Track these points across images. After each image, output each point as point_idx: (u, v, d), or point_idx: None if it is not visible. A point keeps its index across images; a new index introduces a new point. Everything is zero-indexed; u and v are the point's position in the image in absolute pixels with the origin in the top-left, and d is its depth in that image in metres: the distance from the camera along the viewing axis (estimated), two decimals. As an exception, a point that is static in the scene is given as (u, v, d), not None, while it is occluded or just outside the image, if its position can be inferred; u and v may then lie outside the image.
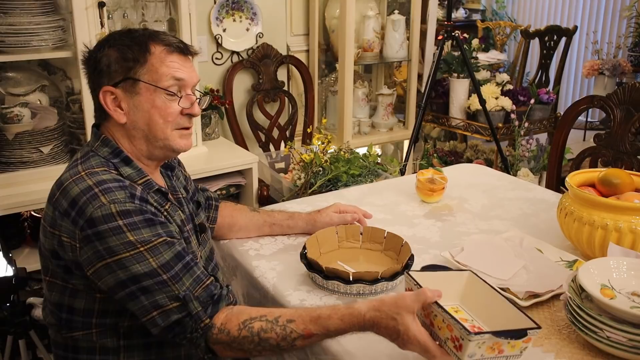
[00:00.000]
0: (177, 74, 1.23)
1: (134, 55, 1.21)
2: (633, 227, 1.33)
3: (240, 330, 1.12)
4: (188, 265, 1.16)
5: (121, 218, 1.11)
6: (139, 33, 1.25)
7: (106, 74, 1.22)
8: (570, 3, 5.78)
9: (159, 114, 1.23)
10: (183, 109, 1.25)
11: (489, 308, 1.11)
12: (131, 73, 1.21)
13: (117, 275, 1.12)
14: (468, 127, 3.50)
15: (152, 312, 1.13)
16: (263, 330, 1.11)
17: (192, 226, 1.36)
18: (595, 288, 1.14)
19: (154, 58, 1.22)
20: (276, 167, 2.99)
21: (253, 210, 1.62)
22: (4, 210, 2.14)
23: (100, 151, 1.23)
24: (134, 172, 1.23)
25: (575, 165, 2.18)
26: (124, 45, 1.22)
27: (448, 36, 3.21)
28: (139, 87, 1.21)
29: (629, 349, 1.06)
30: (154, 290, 1.12)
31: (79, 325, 1.23)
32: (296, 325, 1.10)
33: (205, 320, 1.14)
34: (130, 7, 2.52)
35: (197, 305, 1.13)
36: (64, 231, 1.15)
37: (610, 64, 4.78)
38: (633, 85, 2.01)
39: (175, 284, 1.13)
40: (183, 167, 1.50)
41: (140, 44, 1.22)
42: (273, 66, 3.15)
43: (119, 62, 1.21)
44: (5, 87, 2.27)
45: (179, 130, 1.26)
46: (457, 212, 1.78)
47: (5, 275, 1.82)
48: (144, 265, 1.11)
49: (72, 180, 1.16)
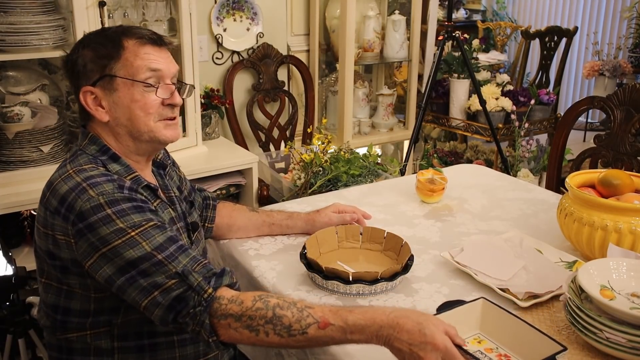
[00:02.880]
0: (152, 65, 1.22)
1: (107, 51, 1.21)
2: (633, 228, 1.33)
3: (256, 301, 1.07)
4: (182, 247, 1.15)
5: (109, 207, 1.12)
6: (112, 30, 1.25)
7: (83, 74, 1.22)
8: (571, 4, 5.78)
9: (139, 108, 1.22)
10: (163, 99, 1.25)
11: (510, 333, 1.12)
12: (107, 70, 1.21)
13: (114, 263, 1.11)
14: (468, 127, 3.50)
15: (152, 292, 1.10)
16: (279, 306, 1.06)
17: (184, 225, 1.35)
18: (594, 289, 1.14)
19: (128, 52, 1.21)
20: (276, 167, 2.99)
21: (252, 210, 1.62)
22: (4, 209, 2.14)
23: (88, 149, 1.23)
24: (122, 168, 1.23)
25: (575, 166, 2.18)
26: (97, 43, 1.22)
27: (448, 36, 3.21)
28: (116, 83, 1.21)
29: (629, 350, 1.06)
30: (152, 272, 1.10)
31: (73, 327, 1.22)
32: (314, 312, 1.06)
33: (209, 291, 1.09)
34: (131, 7, 2.52)
35: (197, 277, 1.11)
36: (57, 229, 1.15)
37: (611, 64, 4.78)
38: (633, 86, 2.01)
39: (172, 262, 1.11)
40: (178, 167, 1.49)
41: (113, 40, 1.22)
42: (273, 66, 3.15)
43: (94, 61, 1.21)
44: (6, 86, 2.27)
45: (163, 121, 1.26)
46: (457, 212, 1.78)
47: (5, 274, 1.82)
48: (137, 249, 1.11)
49: (61, 179, 1.17)
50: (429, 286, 1.36)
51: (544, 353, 1.02)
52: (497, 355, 1.09)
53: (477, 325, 1.16)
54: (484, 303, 1.17)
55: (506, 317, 1.13)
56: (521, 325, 1.10)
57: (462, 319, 1.14)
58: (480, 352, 1.10)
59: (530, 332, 1.08)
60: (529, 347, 1.06)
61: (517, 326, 1.10)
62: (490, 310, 1.16)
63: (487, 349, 1.11)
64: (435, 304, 1.26)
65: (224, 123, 3.07)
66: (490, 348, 1.12)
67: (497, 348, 1.12)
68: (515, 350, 1.10)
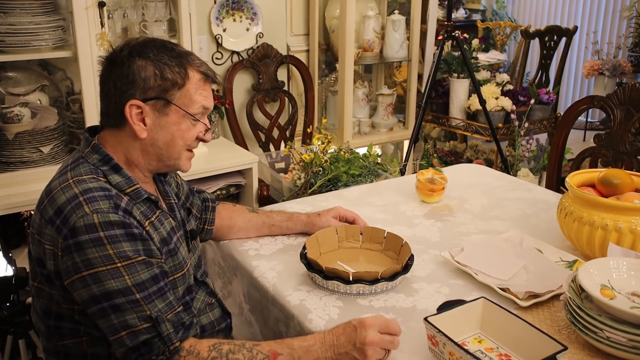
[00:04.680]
0: (206, 103, 1.26)
1: (173, 77, 1.21)
2: (633, 228, 1.33)
3: (210, 351, 1.13)
4: (162, 290, 1.16)
5: (103, 229, 1.11)
6: (177, 52, 1.23)
7: (139, 86, 1.19)
8: (571, 3, 5.78)
9: (181, 137, 1.25)
10: (199, 134, 1.28)
11: (510, 332, 1.12)
12: (167, 95, 1.21)
13: (91, 289, 1.11)
14: (468, 127, 3.50)
15: (120, 332, 1.11)
16: (231, 351, 1.12)
17: (183, 232, 1.36)
18: (595, 288, 1.14)
19: (191, 84, 1.23)
20: (276, 167, 2.99)
21: (252, 211, 1.62)
22: (4, 210, 2.14)
23: (90, 158, 1.22)
24: (122, 180, 1.22)
25: (575, 166, 2.18)
26: (163, 63, 1.20)
27: (448, 36, 3.21)
28: (170, 109, 1.22)
29: (629, 349, 1.06)
30: (125, 310, 1.11)
31: (67, 333, 1.22)
32: (262, 348, 1.13)
33: (176, 344, 1.13)
34: (131, 7, 2.52)
35: (169, 327, 1.13)
36: (47, 239, 1.14)
37: (610, 64, 4.78)
38: (633, 85, 2.01)
39: (148, 304, 1.12)
40: (176, 174, 1.49)
41: (181, 66, 1.22)
42: (273, 66, 3.15)
43: (157, 80, 1.20)
44: (6, 87, 2.27)
45: (188, 152, 1.29)
46: (457, 212, 1.78)
47: (5, 275, 1.82)
48: (118, 282, 1.10)
49: (60, 188, 1.16)
50: (429, 286, 1.36)
51: (544, 352, 1.02)
52: (497, 355, 1.09)
53: (477, 325, 1.16)
54: (484, 303, 1.17)
55: (506, 317, 1.13)
56: (522, 325, 1.10)
57: (462, 318, 1.14)
58: (480, 352, 1.10)
59: (530, 332, 1.08)
60: (529, 347, 1.07)
61: (517, 326, 1.11)
62: (491, 310, 1.16)
63: (488, 349, 1.11)
64: (436, 303, 1.26)
65: (224, 123, 3.07)
66: (491, 348, 1.12)
67: (497, 348, 1.12)
68: (515, 350, 1.10)
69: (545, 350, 1.03)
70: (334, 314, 1.26)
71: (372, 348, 1.10)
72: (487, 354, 1.10)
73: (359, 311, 1.26)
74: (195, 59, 1.26)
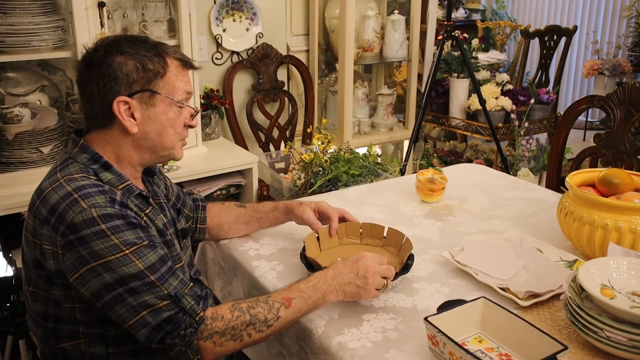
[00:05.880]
0: (188, 87, 1.28)
1: (154, 67, 1.22)
2: (633, 227, 1.33)
3: (232, 311, 1.16)
4: (172, 269, 1.18)
5: (103, 222, 1.11)
6: (150, 43, 1.25)
7: (123, 82, 1.20)
8: (570, 3, 5.78)
9: (170, 126, 1.26)
10: (186, 120, 1.29)
11: (510, 332, 1.12)
12: (151, 85, 1.22)
13: (103, 278, 1.11)
14: (468, 127, 3.50)
15: (141, 311, 1.12)
16: (250, 306, 1.17)
17: (174, 230, 1.36)
18: (595, 288, 1.14)
19: (171, 72, 1.24)
20: (276, 167, 2.99)
21: (240, 206, 1.61)
22: (4, 210, 2.14)
23: (79, 158, 1.22)
24: (113, 177, 1.22)
25: (575, 165, 2.18)
26: (142, 55, 1.21)
27: (448, 36, 3.21)
28: (156, 99, 1.23)
29: (629, 348, 1.06)
30: (142, 291, 1.12)
31: (66, 335, 1.21)
32: (275, 297, 1.20)
33: (200, 314, 1.15)
34: (130, 7, 2.52)
35: (190, 300, 1.15)
36: (44, 239, 1.14)
37: (610, 63, 4.78)
38: (633, 85, 2.01)
39: (163, 284, 1.14)
40: (164, 176, 1.50)
41: (159, 56, 1.23)
42: (273, 66, 3.16)
43: (139, 73, 1.21)
44: (5, 87, 2.27)
45: (181, 141, 1.31)
46: (457, 212, 1.78)
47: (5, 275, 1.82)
48: (130, 267, 1.11)
49: (51, 188, 1.15)
50: (430, 286, 1.36)
51: (544, 352, 1.02)
52: (497, 355, 1.09)
53: (477, 325, 1.16)
54: (484, 302, 1.17)
55: (507, 317, 1.13)
56: (522, 325, 1.10)
57: (462, 318, 1.14)
58: (481, 352, 1.10)
59: (530, 332, 1.08)
60: (529, 347, 1.06)
61: (517, 325, 1.11)
62: (491, 309, 1.16)
63: (488, 349, 1.11)
64: (436, 303, 1.26)
65: (224, 123, 3.07)
66: (491, 347, 1.12)
67: (497, 347, 1.12)
68: (516, 350, 1.10)
69: (545, 350, 1.03)
70: (334, 313, 1.26)
71: (373, 276, 1.22)
72: (487, 353, 1.10)
73: (359, 311, 1.26)
74: (169, 47, 1.28)
